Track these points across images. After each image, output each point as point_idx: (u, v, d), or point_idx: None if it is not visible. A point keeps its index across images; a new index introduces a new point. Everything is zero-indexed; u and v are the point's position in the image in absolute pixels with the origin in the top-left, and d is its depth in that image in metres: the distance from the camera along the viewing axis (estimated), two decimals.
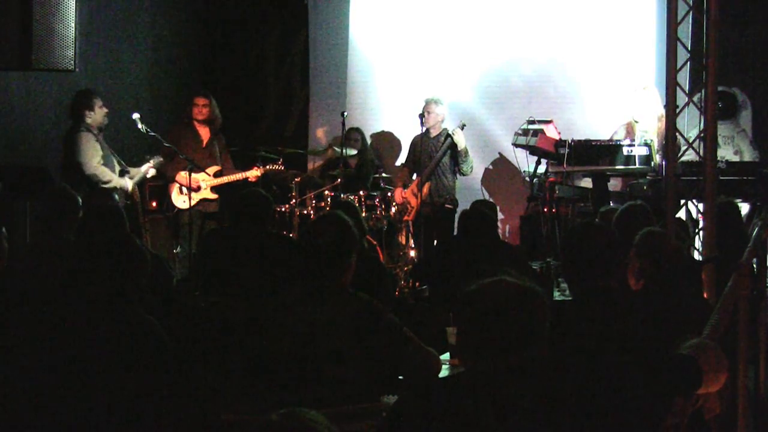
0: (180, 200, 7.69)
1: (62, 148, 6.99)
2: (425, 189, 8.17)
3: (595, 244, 3.36)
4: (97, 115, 6.99)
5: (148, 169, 7.40)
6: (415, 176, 8.41)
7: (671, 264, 3.76)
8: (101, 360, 3.05)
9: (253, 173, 7.78)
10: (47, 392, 3.03)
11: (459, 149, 8.14)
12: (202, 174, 7.66)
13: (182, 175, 7.56)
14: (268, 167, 7.87)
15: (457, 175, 8.38)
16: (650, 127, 7.47)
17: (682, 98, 5.68)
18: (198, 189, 7.69)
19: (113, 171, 7.02)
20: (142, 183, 7.52)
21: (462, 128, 8.21)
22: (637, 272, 3.77)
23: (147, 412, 3.10)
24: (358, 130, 8.77)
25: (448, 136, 8.23)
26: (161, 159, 7.47)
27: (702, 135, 5.58)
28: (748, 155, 8.46)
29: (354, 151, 8.54)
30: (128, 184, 7.12)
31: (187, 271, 7.36)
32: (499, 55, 9.06)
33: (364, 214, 7.32)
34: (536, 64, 9.00)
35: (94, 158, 6.84)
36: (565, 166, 7.08)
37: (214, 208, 7.91)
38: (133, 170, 7.31)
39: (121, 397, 3.04)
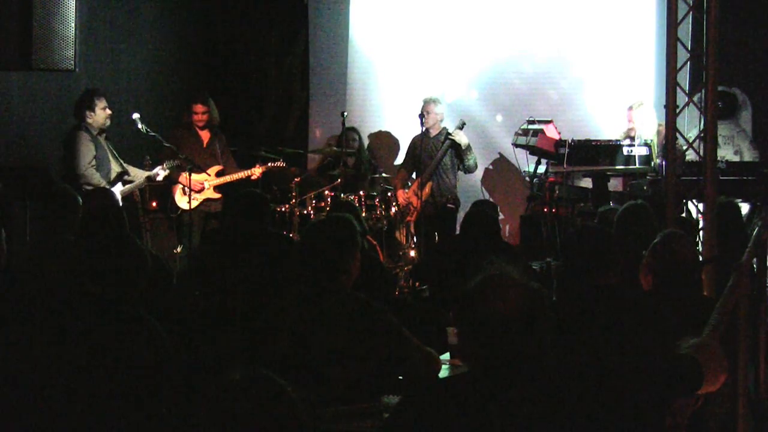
0: (183, 201, 7.69)
1: (61, 146, 7.00)
2: (427, 189, 8.17)
3: (593, 244, 3.37)
4: (98, 116, 6.97)
5: (158, 172, 7.38)
6: (415, 176, 8.41)
7: (686, 267, 3.76)
8: (101, 360, 3.05)
9: (256, 171, 7.79)
10: (47, 392, 3.03)
11: (462, 147, 8.14)
12: (204, 174, 7.67)
13: (184, 176, 7.56)
14: (269, 164, 7.88)
15: (458, 175, 8.38)
16: (649, 139, 7.47)
17: (682, 98, 5.68)
18: (201, 191, 7.70)
19: (108, 173, 6.99)
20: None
21: (461, 127, 8.21)
22: (650, 271, 3.76)
23: (147, 412, 3.09)
24: (354, 130, 8.78)
25: (448, 135, 8.23)
26: (176, 162, 7.45)
27: (702, 135, 5.58)
28: (748, 155, 8.46)
29: (351, 151, 8.56)
30: (117, 194, 7.04)
31: (187, 271, 7.35)
32: (499, 55, 9.07)
33: (364, 214, 7.32)
34: (536, 64, 9.01)
35: (84, 159, 6.82)
36: (565, 166, 7.08)
37: (217, 207, 7.91)
38: (136, 172, 7.29)
39: (121, 397, 3.04)
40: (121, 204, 7.05)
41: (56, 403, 3.02)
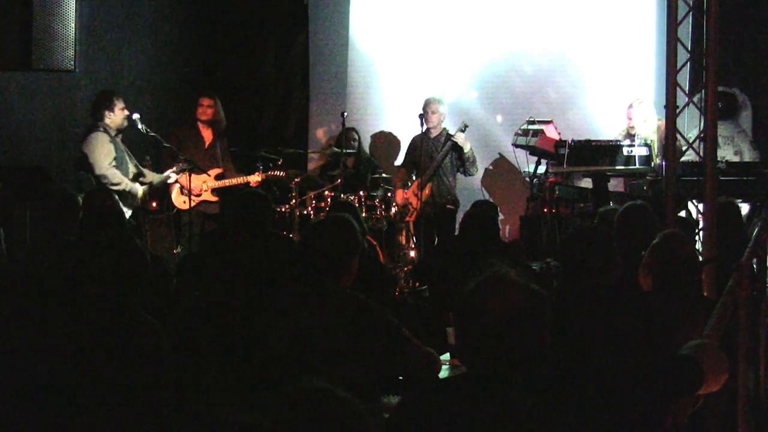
0: (180, 200, 7.69)
1: (78, 146, 7.00)
2: (427, 190, 8.16)
3: (592, 244, 3.38)
4: (117, 116, 7.00)
5: (170, 175, 7.40)
6: (414, 176, 8.41)
7: (685, 268, 3.75)
8: (101, 360, 3.05)
9: (254, 178, 7.77)
10: (47, 393, 3.03)
11: (465, 152, 8.13)
12: (203, 176, 7.66)
13: (184, 176, 7.56)
14: (269, 173, 7.87)
15: (457, 175, 8.38)
16: (648, 140, 7.47)
17: (682, 98, 5.68)
18: (199, 194, 7.70)
19: (127, 174, 7.02)
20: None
21: (464, 129, 8.19)
22: (650, 272, 3.76)
23: (147, 412, 3.09)
24: (353, 130, 8.79)
25: (449, 136, 8.22)
26: (185, 166, 7.48)
27: (702, 135, 5.58)
28: (748, 155, 8.45)
29: (351, 151, 8.57)
30: (138, 189, 7.11)
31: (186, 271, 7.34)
32: (499, 55, 9.06)
33: (364, 215, 7.32)
34: (536, 64, 9.00)
35: (106, 159, 6.85)
36: (565, 166, 7.07)
37: (214, 209, 7.92)
38: (149, 175, 7.31)
39: (121, 396, 3.04)
40: (142, 203, 7.15)
41: (56, 402, 3.02)
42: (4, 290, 4.01)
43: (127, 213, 7.06)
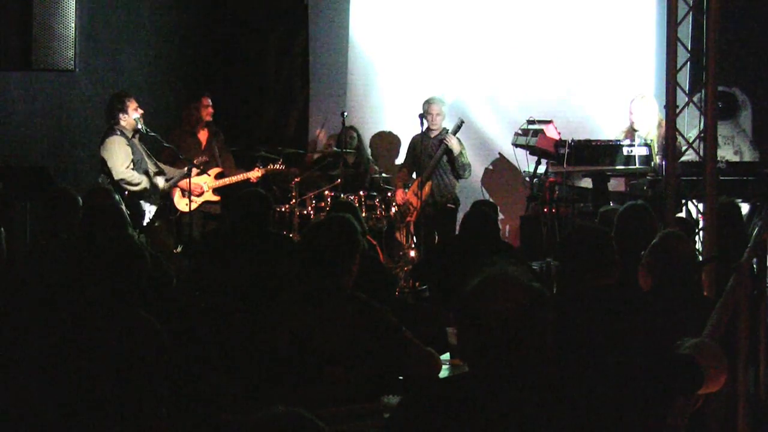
0: (183, 203, 7.69)
1: (97, 152, 7.06)
2: (426, 189, 8.16)
3: (591, 244, 3.38)
4: (131, 117, 7.02)
5: (191, 169, 7.44)
6: (415, 176, 8.41)
7: (685, 268, 3.76)
8: (101, 360, 3.05)
9: (254, 174, 7.79)
10: (47, 392, 3.03)
11: (455, 154, 8.12)
12: (204, 176, 7.67)
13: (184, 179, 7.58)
14: (268, 167, 7.88)
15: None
16: (650, 135, 7.48)
17: (682, 98, 5.68)
18: (201, 194, 7.71)
19: (148, 173, 7.05)
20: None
21: (460, 126, 8.18)
22: (649, 272, 3.77)
23: (147, 412, 3.10)
24: (352, 128, 8.78)
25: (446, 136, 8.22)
26: (205, 158, 7.51)
27: (702, 135, 5.58)
28: (748, 155, 8.46)
29: (351, 150, 8.57)
30: (160, 183, 7.15)
31: (186, 271, 7.35)
32: (498, 55, 9.06)
33: (364, 215, 7.32)
34: (536, 64, 9.00)
35: (123, 164, 6.87)
36: (565, 166, 7.07)
37: (216, 209, 7.92)
38: (170, 170, 7.34)
39: (121, 397, 3.04)
40: (160, 200, 7.19)
41: (56, 402, 3.02)
42: (4, 290, 4.02)
43: (152, 210, 7.10)
